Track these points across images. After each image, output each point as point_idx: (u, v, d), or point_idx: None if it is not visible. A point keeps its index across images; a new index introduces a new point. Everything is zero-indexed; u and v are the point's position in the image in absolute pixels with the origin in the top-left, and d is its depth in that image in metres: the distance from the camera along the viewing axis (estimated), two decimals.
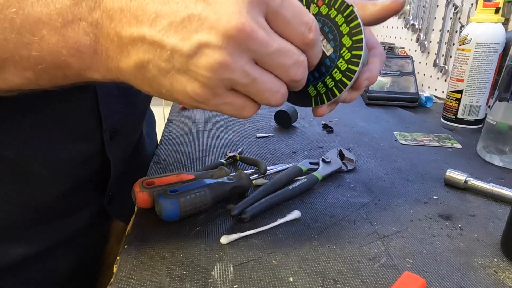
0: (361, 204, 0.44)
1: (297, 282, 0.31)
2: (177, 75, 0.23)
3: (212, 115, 0.80)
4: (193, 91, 0.24)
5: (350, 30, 0.31)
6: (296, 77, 0.26)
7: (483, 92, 0.72)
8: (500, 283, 0.32)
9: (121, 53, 0.24)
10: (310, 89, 0.34)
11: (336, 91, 0.33)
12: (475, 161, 0.58)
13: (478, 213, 0.43)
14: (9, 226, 0.39)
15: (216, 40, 0.22)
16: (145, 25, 0.22)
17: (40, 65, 0.24)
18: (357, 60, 0.31)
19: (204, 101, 0.25)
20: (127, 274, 0.32)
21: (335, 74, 0.32)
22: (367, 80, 0.34)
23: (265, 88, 0.25)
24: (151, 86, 0.25)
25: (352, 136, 0.68)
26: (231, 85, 0.24)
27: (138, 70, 0.24)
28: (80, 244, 0.46)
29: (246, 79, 0.24)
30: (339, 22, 0.32)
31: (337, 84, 0.32)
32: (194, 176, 0.44)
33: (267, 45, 0.23)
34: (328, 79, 0.33)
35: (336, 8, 0.32)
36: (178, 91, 0.24)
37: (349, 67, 0.32)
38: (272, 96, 0.26)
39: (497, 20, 0.68)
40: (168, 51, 0.23)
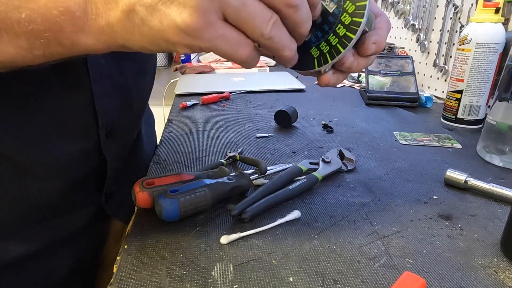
0: (361, 204, 0.44)
1: (297, 282, 0.31)
2: (165, 9, 0.23)
3: (212, 115, 0.80)
4: (184, 21, 0.23)
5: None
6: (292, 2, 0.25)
7: (483, 92, 0.72)
8: (500, 283, 0.32)
9: (110, 5, 0.24)
10: (313, 50, 0.32)
11: (340, 47, 0.31)
12: (475, 161, 0.58)
13: (478, 213, 0.43)
14: (6, 224, 0.39)
15: None
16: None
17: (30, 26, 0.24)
18: (362, 11, 0.30)
19: (197, 33, 0.23)
20: (127, 274, 0.32)
21: (339, 30, 0.31)
22: (375, 44, 0.32)
23: (256, 14, 0.24)
24: (142, 33, 0.24)
25: (352, 136, 0.68)
26: (222, 8, 0.23)
27: (127, 17, 0.24)
28: (79, 243, 0.46)
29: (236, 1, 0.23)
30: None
31: (341, 39, 0.31)
32: (194, 176, 0.44)
33: None
34: (331, 37, 0.31)
35: None
36: (168, 27, 0.23)
37: (353, 19, 0.30)
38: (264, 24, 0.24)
39: (497, 20, 0.68)
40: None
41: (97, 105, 0.39)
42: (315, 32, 0.32)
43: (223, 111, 0.83)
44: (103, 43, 0.26)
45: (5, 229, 0.39)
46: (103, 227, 0.51)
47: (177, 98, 0.96)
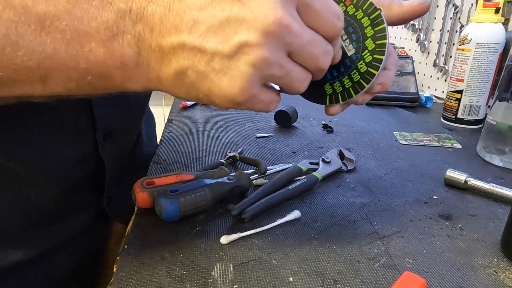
0: (361, 204, 0.44)
1: (297, 282, 0.31)
2: (216, 78, 0.24)
3: (212, 115, 0.80)
4: (232, 93, 0.24)
5: (375, 34, 0.32)
6: (324, 66, 0.27)
7: (483, 92, 0.72)
8: (500, 283, 0.32)
9: (162, 63, 0.24)
10: (327, 86, 0.34)
11: (353, 92, 0.33)
12: (475, 161, 0.58)
13: (478, 213, 0.43)
14: (5, 230, 0.39)
15: (256, 37, 0.22)
16: (184, 33, 0.23)
17: (87, 76, 0.24)
18: (377, 64, 0.32)
19: (241, 101, 0.25)
20: (127, 274, 0.32)
21: (354, 75, 0.33)
22: (380, 85, 0.34)
23: (296, 79, 0.26)
24: (189, 92, 0.25)
25: (352, 136, 0.68)
26: (269, 80, 0.25)
27: (177, 77, 0.25)
28: (80, 246, 0.46)
29: (281, 72, 0.25)
30: (365, 24, 0.32)
31: (354, 85, 0.33)
32: (194, 176, 0.44)
33: (301, 37, 0.24)
34: (345, 79, 0.33)
35: (364, 9, 0.32)
36: (216, 94, 0.24)
37: (368, 70, 0.32)
38: (300, 85, 0.27)
39: (497, 20, 0.68)
40: (208, 55, 0.23)
41: (95, 108, 0.39)
42: (331, 70, 0.34)
43: (223, 111, 0.83)
44: (148, 89, 0.27)
45: (3, 235, 0.39)
46: (103, 229, 0.51)
47: (177, 98, 0.96)
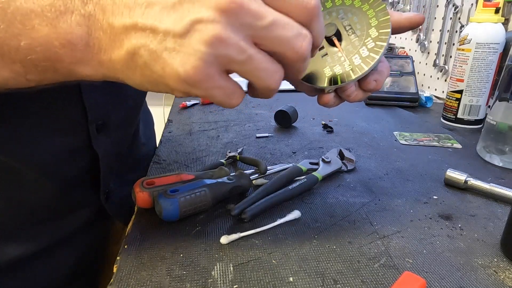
0: (361, 204, 0.44)
1: (297, 282, 0.31)
2: (169, 58, 0.23)
3: (212, 115, 0.80)
4: (186, 72, 0.23)
5: (379, 24, 0.34)
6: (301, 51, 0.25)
7: (483, 92, 0.72)
8: (500, 283, 0.32)
9: (114, 44, 0.24)
10: (326, 69, 0.35)
11: (352, 75, 0.34)
12: (475, 161, 0.58)
13: (478, 213, 0.43)
14: (3, 225, 0.39)
15: (208, 14, 0.22)
16: (137, 14, 0.23)
17: (29, 55, 0.24)
18: (379, 49, 0.34)
19: (196, 83, 0.24)
20: (127, 274, 0.32)
21: (355, 59, 0.34)
22: (375, 82, 0.35)
23: (262, 67, 0.25)
24: (143, 74, 0.25)
25: (352, 136, 0.68)
26: (226, 63, 0.24)
27: (129, 58, 0.24)
28: (79, 243, 0.46)
29: (241, 56, 0.23)
30: (370, 15, 0.35)
31: (355, 68, 0.34)
32: (194, 176, 0.44)
33: (261, 17, 0.23)
34: (346, 63, 0.35)
35: (370, 3, 0.35)
36: (170, 75, 0.23)
37: (370, 54, 0.34)
38: (269, 78, 0.25)
39: (497, 20, 0.68)
40: (160, 34, 0.22)
41: (85, 98, 0.38)
42: (332, 54, 0.35)
43: (223, 111, 0.83)
44: (101, 75, 0.26)
45: (2, 230, 0.39)
46: (103, 227, 0.51)
47: (177, 98, 0.96)
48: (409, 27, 0.36)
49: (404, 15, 0.36)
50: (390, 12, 0.36)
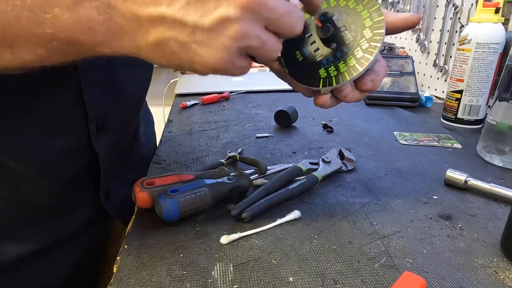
0: (361, 204, 0.44)
1: (297, 282, 0.31)
2: (198, 49, 0.25)
3: (212, 115, 0.80)
4: (215, 62, 0.26)
5: (373, 24, 0.34)
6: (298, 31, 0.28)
7: (483, 92, 0.72)
8: (500, 283, 0.32)
9: (139, 31, 0.25)
10: (321, 71, 0.36)
11: (347, 75, 0.34)
12: (475, 161, 0.58)
13: (478, 213, 0.43)
14: (4, 225, 0.39)
15: (235, 12, 0.24)
16: (163, 5, 0.24)
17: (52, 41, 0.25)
18: (373, 50, 0.34)
19: (221, 70, 0.27)
20: (127, 274, 0.32)
21: (350, 61, 0.35)
22: (371, 82, 0.36)
23: (271, 49, 0.28)
24: (171, 60, 0.27)
25: (352, 136, 0.68)
26: (246, 49, 0.27)
27: (157, 47, 0.26)
28: (79, 243, 0.46)
29: (258, 43, 0.26)
30: (364, 16, 0.35)
31: (349, 69, 0.34)
32: (194, 176, 0.44)
33: (277, 11, 0.26)
34: (341, 64, 0.35)
35: (364, 4, 0.35)
36: (198, 62, 0.26)
37: (364, 55, 0.34)
38: (274, 53, 0.29)
39: (497, 20, 0.68)
40: (190, 28, 0.24)
41: (86, 97, 0.38)
42: (327, 55, 0.36)
43: (223, 111, 0.83)
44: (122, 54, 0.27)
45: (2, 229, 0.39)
46: (103, 227, 0.51)
47: (177, 98, 0.96)
48: (405, 27, 0.37)
49: (399, 16, 0.37)
50: (385, 13, 0.36)
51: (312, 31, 0.37)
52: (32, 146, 0.37)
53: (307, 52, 0.37)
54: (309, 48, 0.37)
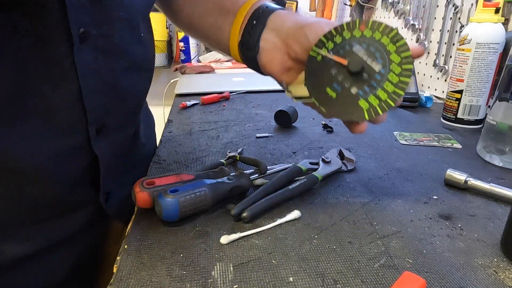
0: (361, 204, 0.44)
1: (297, 282, 0.31)
2: None
3: (212, 115, 0.80)
4: None
5: (398, 48, 0.35)
6: None
7: (483, 92, 0.72)
8: (500, 283, 0.32)
9: None
10: (362, 102, 0.36)
11: (391, 102, 0.35)
12: (475, 161, 0.58)
13: (478, 213, 0.43)
14: (3, 224, 0.39)
15: None
16: None
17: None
18: (408, 72, 0.34)
19: None
20: (127, 274, 0.32)
21: (387, 87, 0.35)
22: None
23: None
24: None
25: (352, 136, 0.68)
26: None
27: None
28: (79, 243, 0.46)
29: None
30: (385, 42, 0.35)
31: (390, 95, 0.35)
32: (194, 176, 0.44)
33: None
34: (380, 92, 0.35)
35: (381, 31, 0.36)
36: None
37: (400, 79, 0.35)
38: None
39: (497, 20, 0.68)
40: None
41: (86, 101, 0.38)
42: (361, 86, 0.36)
43: (223, 111, 0.83)
44: None
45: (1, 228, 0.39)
46: (102, 227, 0.51)
47: (177, 98, 0.96)
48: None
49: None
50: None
51: (335, 67, 0.37)
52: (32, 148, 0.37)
53: (339, 88, 0.37)
54: (339, 84, 0.37)
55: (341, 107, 0.37)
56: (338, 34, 0.37)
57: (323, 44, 0.38)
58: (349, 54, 0.36)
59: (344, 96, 0.36)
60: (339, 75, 0.37)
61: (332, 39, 0.38)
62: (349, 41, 0.37)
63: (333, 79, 0.37)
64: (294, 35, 0.41)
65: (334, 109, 0.37)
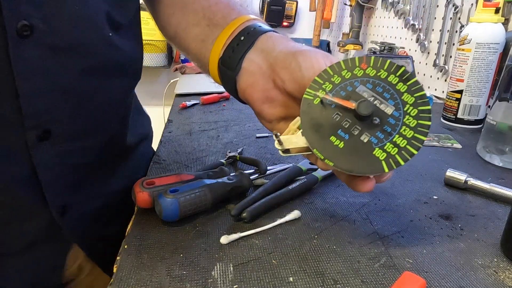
0: (361, 204, 0.44)
1: (297, 282, 0.31)
2: None
3: (212, 115, 0.80)
4: None
5: (409, 88, 0.31)
6: None
7: (483, 92, 0.72)
8: (500, 283, 0.32)
9: None
10: (377, 152, 0.31)
11: (412, 149, 0.30)
12: (475, 161, 0.58)
13: (478, 213, 0.43)
14: None
15: None
16: None
17: None
18: (427, 114, 0.30)
19: None
20: (127, 274, 0.32)
21: (405, 132, 0.30)
22: None
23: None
24: None
25: None
26: None
27: None
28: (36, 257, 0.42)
29: None
30: (394, 81, 0.31)
31: (410, 141, 0.30)
32: (194, 176, 0.44)
33: None
34: (398, 138, 0.31)
35: (386, 69, 0.32)
36: None
37: (419, 122, 0.30)
38: None
39: (497, 20, 0.68)
40: None
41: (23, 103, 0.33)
42: (374, 133, 0.31)
43: (223, 111, 0.83)
44: None
45: None
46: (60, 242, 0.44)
47: (177, 98, 0.96)
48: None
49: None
50: None
51: (338, 111, 0.32)
52: None
53: (346, 136, 0.31)
54: (346, 131, 0.31)
55: (352, 159, 0.31)
56: (336, 74, 0.33)
57: (319, 85, 0.33)
58: (353, 96, 0.32)
59: (354, 145, 0.31)
60: (344, 120, 0.31)
61: (329, 79, 0.33)
62: (350, 81, 0.32)
63: (337, 125, 0.32)
64: (285, 61, 0.35)
65: (343, 161, 0.31)
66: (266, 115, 0.37)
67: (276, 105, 0.37)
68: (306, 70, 0.34)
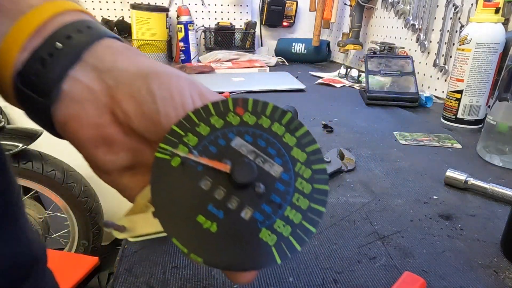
0: (361, 204, 0.44)
1: (297, 282, 0.31)
2: None
3: None
4: None
5: (299, 140, 0.23)
6: None
7: (483, 92, 0.72)
8: (500, 283, 0.32)
9: None
10: (264, 234, 0.21)
11: (310, 227, 0.22)
12: (475, 161, 0.58)
13: (478, 213, 0.43)
14: None
15: None
16: None
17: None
18: (324, 176, 0.23)
19: None
20: (127, 274, 0.32)
21: (299, 202, 0.22)
22: None
23: None
24: None
25: (352, 136, 0.68)
26: None
27: None
28: None
29: None
30: (279, 132, 0.23)
31: (306, 215, 0.22)
32: None
33: None
34: (290, 212, 0.22)
35: (269, 115, 0.24)
36: None
37: (315, 187, 0.23)
38: None
39: (497, 20, 0.68)
40: None
41: None
42: (259, 206, 0.21)
43: None
44: None
45: None
46: None
47: None
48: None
49: None
50: None
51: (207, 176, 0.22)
52: None
53: (220, 214, 0.21)
54: (220, 206, 0.21)
55: (231, 248, 0.20)
56: (203, 122, 0.22)
57: (178, 138, 0.22)
58: (227, 154, 0.22)
59: (232, 226, 0.21)
60: (217, 190, 0.21)
61: (193, 129, 0.22)
62: (223, 131, 0.23)
63: (206, 198, 0.21)
64: (131, 86, 0.22)
65: (217, 254, 0.20)
66: (101, 164, 0.24)
67: (117, 149, 0.24)
68: (162, 102, 0.22)
